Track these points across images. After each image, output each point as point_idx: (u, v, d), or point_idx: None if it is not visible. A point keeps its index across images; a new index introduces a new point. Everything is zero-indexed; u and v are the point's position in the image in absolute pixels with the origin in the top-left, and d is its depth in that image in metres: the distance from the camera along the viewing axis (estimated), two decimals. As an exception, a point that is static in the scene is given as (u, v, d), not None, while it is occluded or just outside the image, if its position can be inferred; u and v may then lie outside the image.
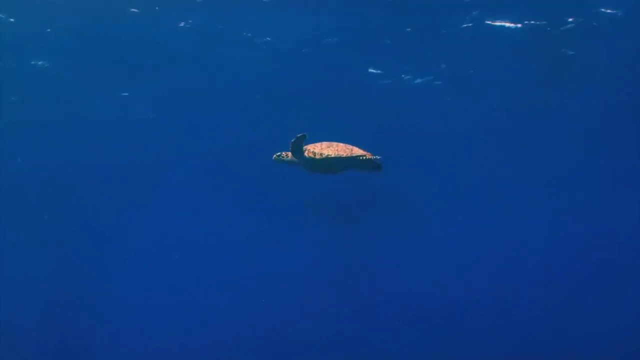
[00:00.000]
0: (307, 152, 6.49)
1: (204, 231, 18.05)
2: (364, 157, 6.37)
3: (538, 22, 10.95)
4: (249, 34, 11.49)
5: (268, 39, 11.63)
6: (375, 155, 6.41)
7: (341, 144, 6.48)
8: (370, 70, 12.64)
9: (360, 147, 6.56)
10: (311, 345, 16.03)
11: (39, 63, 12.19)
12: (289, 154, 6.60)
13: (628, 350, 15.47)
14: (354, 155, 6.37)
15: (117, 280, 17.36)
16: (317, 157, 6.42)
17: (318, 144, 6.53)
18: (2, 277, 16.28)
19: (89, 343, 16.27)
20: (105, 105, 13.62)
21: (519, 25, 11.00)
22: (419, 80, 13.01)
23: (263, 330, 16.61)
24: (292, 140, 6.41)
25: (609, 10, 10.56)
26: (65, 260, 17.16)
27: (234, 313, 17.34)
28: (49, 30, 11.15)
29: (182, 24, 11.11)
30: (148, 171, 16.20)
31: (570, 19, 10.89)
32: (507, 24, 10.99)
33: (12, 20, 10.77)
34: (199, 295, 17.54)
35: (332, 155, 6.37)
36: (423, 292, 16.91)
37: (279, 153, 6.72)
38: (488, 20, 10.92)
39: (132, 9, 10.57)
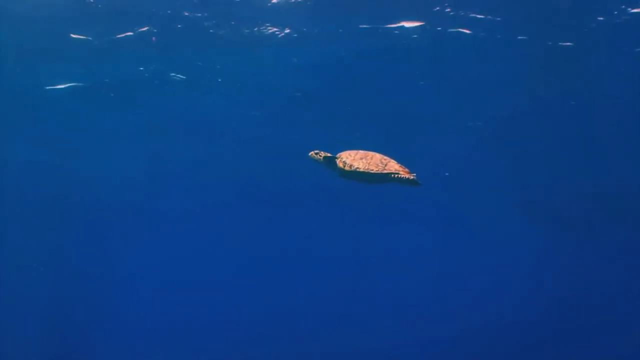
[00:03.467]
0: (339, 160, 6.15)
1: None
2: (397, 175, 5.92)
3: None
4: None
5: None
6: (411, 173, 5.93)
7: (377, 156, 6.04)
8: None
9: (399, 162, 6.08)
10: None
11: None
12: (322, 153, 6.26)
13: None
14: (384, 172, 5.93)
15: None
16: (346, 168, 6.06)
17: (353, 152, 6.14)
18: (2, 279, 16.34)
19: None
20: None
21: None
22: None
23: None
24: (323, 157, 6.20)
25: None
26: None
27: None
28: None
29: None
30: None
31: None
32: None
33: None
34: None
35: (361, 169, 5.99)
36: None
37: (317, 151, 6.32)
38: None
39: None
